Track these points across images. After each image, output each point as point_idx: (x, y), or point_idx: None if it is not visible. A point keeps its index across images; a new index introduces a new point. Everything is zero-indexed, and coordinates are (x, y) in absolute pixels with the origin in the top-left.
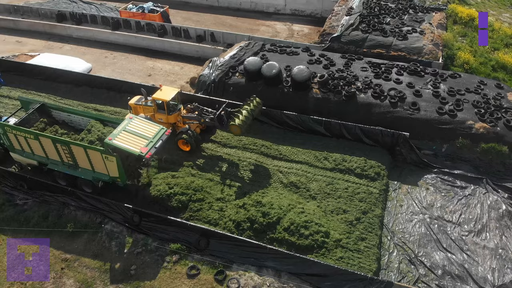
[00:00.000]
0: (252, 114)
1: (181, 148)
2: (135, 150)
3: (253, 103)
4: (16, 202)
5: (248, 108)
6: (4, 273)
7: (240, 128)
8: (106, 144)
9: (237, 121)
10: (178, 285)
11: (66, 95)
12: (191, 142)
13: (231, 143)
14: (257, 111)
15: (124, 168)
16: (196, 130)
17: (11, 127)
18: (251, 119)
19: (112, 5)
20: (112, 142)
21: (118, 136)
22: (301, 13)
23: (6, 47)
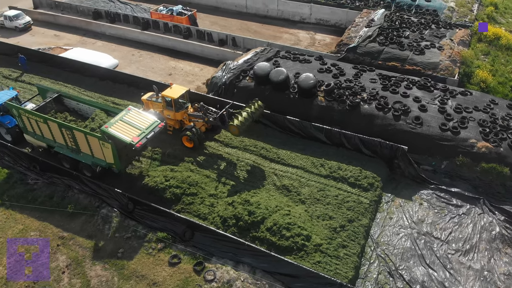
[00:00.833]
0: (252, 116)
1: (185, 144)
2: (127, 138)
3: (254, 105)
4: (27, 181)
5: (249, 110)
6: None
7: (238, 129)
8: (102, 131)
9: (235, 122)
10: (159, 271)
11: (90, 87)
12: (194, 139)
13: (233, 143)
14: (257, 114)
15: (121, 156)
16: (201, 128)
17: (24, 110)
18: (251, 120)
19: (146, 6)
20: (108, 129)
21: (114, 124)
22: (325, 22)
23: (44, 39)
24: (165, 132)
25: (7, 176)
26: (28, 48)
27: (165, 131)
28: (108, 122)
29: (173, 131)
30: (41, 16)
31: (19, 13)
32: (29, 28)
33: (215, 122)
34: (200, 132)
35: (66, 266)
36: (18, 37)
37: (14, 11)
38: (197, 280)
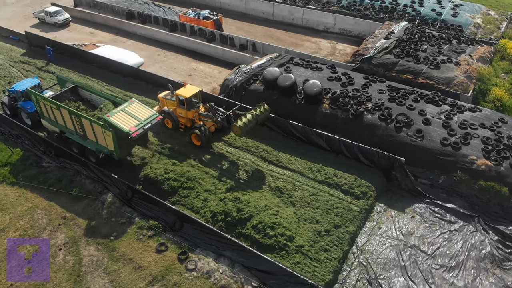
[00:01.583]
0: (256, 118)
1: (193, 142)
2: (125, 127)
3: (260, 108)
4: (42, 164)
5: (254, 112)
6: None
7: (240, 130)
8: (103, 119)
9: (239, 123)
10: (146, 257)
11: (113, 82)
12: (202, 137)
13: (236, 143)
14: (262, 117)
15: (122, 145)
16: (211, 128)
17: (41, 97)
18: (255, 123)
19: (178, 9)
20: (109, 118)
21: (116, 114)
22: (349, 33)
23: (80, 36)
24: (177, 129)
25: (24, 158)
26: (62, 43)
27: (176, 128)
28: (110, 112)
29: (184, 129)
30: (80, 14)
31: (59, 10)
32: (67, 24)
33: (222, 122)
34: (208, 131)
35: (64, 244)
36: (56, 32)
37: (55, 8)
38: (179, 268)
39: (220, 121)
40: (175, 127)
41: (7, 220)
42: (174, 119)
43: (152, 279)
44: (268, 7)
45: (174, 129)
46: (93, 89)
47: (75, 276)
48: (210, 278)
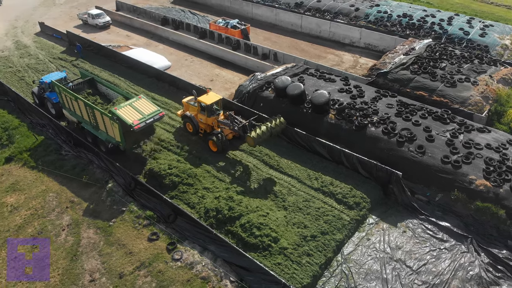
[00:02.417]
0: (270, 130)
1: (210, 147)
2: (129, 120)
3: (276, 121)
4: (61, 152)
5: (269, 124)
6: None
7: (253, 141)
8: (110, 112)
9: (253, 134)
10: (138, 244)
11: (138, 82)
12: (218, 144)
13: (241, 146)
14: (277, 129)
15: (128, 137)
16: (229, 135)
17: (63, 88)
18: (269, 135)
19: (212, 18)
20: (116, 111)
21: (122, 108)
22: (374, 48)
23: (117, 38)
24: (197, 134)
25: (46, 145)
26: (97, 43)
27: (196, 133)
28: (118, 105)
29: (203, 134)
30: (120, 18)
31: (100, 13)
32: (107, 26)
33: (238, 131)
34: (225, 138)
35: (67, 225)
36: (96, 34)
37: (97, 11)
38: (166, 257)
39: (236, 130)
40: (195, 131)
41: (21, 200)
42: (194, 124)
43: (140, 264)
44: (296, 19)
45: (194, 134)
46: (108, 84)
47: (72, 255)
48: (192, 269)
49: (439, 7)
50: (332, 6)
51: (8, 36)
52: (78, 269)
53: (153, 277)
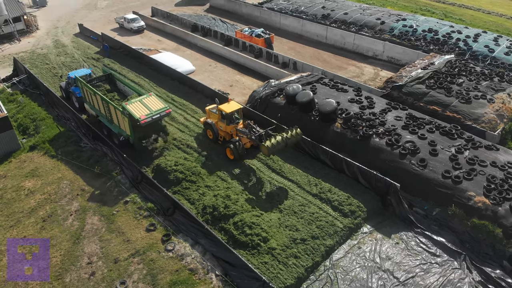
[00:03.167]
0: (286, 141)
1: (227, 155)
2: (137, 115)
3: (292, 132)
4: (80, 144)
5: (285, 135)
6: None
7: (268, 150)
8: (122, 106)
9: (267, 143)
10: (136, 233)
11: (160, 84)
12: (235, 152)
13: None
14: (293, 140)
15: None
16: (246, 144)
17: (84, 83)
18: (283, 145)
19: (241, 26)
20: (126, 106)
21: (133, 103)
22: (396, 61)
23: (149, 42)
24: (216, 141)
25: (67, 137)
26: (129, 46)
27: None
28: (129, 101)
29: (222, 142)
30: (154, 23)
31: (136, 18)
32: (141, 31)
33: (254, 139)
34: (242, 147)
35: (75, 211)
36: (129, 37)
37: (133, 15)
38: (159, 248)
39: (253, 139)
40: (215, 138)
41: (38, 185)
42: (214, 131)
43: (135, 252)
44: (322, 30)
45: (214, 141)
46: (125, 81)
47: (75, 238)
48: (182, 261)
49: (471, 25)
50: (358, 19)
51: (49, 35)
52: (79, 251)
53: (145, 264)
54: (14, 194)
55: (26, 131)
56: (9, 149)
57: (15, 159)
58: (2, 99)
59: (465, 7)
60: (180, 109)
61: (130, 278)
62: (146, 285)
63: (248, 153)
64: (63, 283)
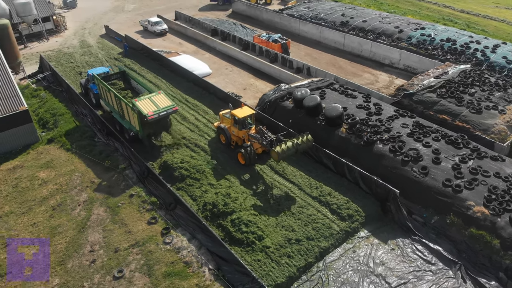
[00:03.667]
0: (296, 147)
1: (239, 160)
2: (144, 111)
3: (302, 138)
4: (94, 139)
5: (295, 141)
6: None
7: (278, 155)
8: (132, 102)
9: (277, 148)
10: (137, 225)
11: (176, 85)
12: (246, 157)
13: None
14: (303, 146)
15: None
16: (258, 150)
17: (99, 80)
18: (294, 151)
19: (261, 32)
20: (135, 102)
21: (142, 100)
22: (413, 70)
23: (170, 45)
24: (229, 146)
25: (83, 131)
26: (149, 48)
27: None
28: (139, 98)
29: (235, 146)
30: (176, 27)
31: (159, 21)
32: (164, 34)
33: (265, 145)
34: (253, 152)
35: (83, 202)
36: (152, 39)
37: (156, 19)
38: (158, 240)
39: (264, 144)
40: (227, 143)
41: (51, 175)
42: (227, 136)
43: (135, 243)
44: (340, 37)
45: (226, 145)
46: (138, 80)
47: (81, 227)
48: (178, 253)
49: (493, 36)
50: (377, 27)
51: (76, 35)
52: (82, 240)
53: (143, 255)
54: (28, 183)
55: (45, 125)
56: (28, 141)
57: (33, 150)
58: (26, 94)
59: (489, 18)
60: (192, 109)
61: (127, 267)
62: (142, 274)
63: (259, 158)
64: (65, 268)
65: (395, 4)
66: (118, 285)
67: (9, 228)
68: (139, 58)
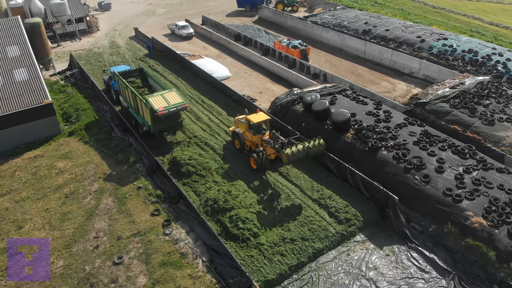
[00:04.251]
0: (307, 150)
1: (251, 165)
2: (155, 106)
3: (314, 141)
4: (111, 134)
5: (306, 144)
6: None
7: (287, 157)
8: (145, 98)
9: (287, 151)
10: (141, 216)
11: (195, 86)
12: (258, 162)
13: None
14: (314, 151)
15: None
16: (271, 156)
17: (118, 77)
18: (304, 154)
19: (284, 38)
20: (148, 98)
21: (154, 97)
22: (432, 80)
23: (194, 48)
24: (242, 150)
25: (101, 126)
26: (173, 50)
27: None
28: (152, 94)
29: (248, 151)
30: (202, 31)
31: (186, 25)
32: (190, 37)
33: (277, 148)
34: (266, 157)
35: (94, 191)
36: (177, 43)
37: (183, 23)
38: (158, 231)
39: (276, 148)
40: (241, 148)
41: (68, 166)
42: (241, 140)
43: (136, 232)
44: (361, 45)
45: (240, 150)
46: (154, 78)
47: (89, 214)
48: (176, 245)
49: None
50: (399, 36)
51: (107, 36)
52: (89, 226)
53: (143, 244)
54: (46, 172)
55: (69, 119)
56: (51, 133)
57: (55, 142)
58: (54, 90)
59: None
60: (207, 110)
61: (127, 254)
62: (140, 262)
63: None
64: (70, 252)
65: (423, 15)
66: (117, 270)
67: (24, 212)
68: (163, 60)
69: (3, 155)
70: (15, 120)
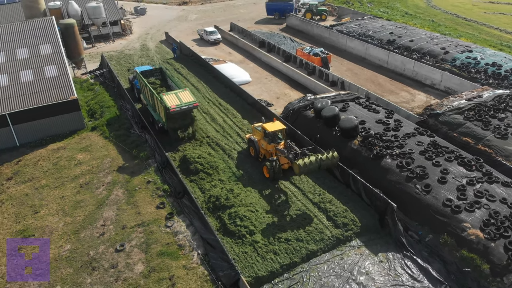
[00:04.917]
0: (319, 162)
1: (264, 173)
2: (168, 104)
3: (328, 153)
4: (130, 130)
5: (319, 156)
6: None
7: (299, 168)
8: (160, 96)
9: (299, 161)
10: (147, 208)
11: (215, 89)
12: (270, 171)
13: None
14: (327, 163)
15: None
16: (285, 165)
17: (139, 75)
18: (317, 166)
19: (308, 46)
20: (162, 96)
21: (168, 95)
22: (453, 92)
23: (220, 53)
24: (257, 158)
25: (122, 122)
26: (198, 55)
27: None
28: (166, 93)
29: (262, 159)
30: (229, 37)
31: (214, 31)
32: (217, 43)
33: (290, 158)
34: (279, 166)
35: (107, 183)
36: (205, 48)
37: (212, 29)
38: (161, 223)
39: (289, 157)
40: (256, 155)
41: (87, 158)
42: (256, 148)
43: (141, 223)
44: (384, 55)
45: (255, 158)
46: (172, 78)
47: (99, 204)
48: (175, 237)
49: None
50: (423, 47)
51: (139, 39)
52: (98, 215)
53: (145, 234)
54: (66, 163)
55: (93, 115)
56: (75, 128)
57: (78, 136)
58: (84, 87)
59: None
60: (222, 112)
61: (129, 243)
62: (139, 250)
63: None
64: (78, 237)
65: (454, 27)
66: (118, 257)
67: (41, 199)
68: (188, 63)
69: (30, 145)
70: (43, 113)
